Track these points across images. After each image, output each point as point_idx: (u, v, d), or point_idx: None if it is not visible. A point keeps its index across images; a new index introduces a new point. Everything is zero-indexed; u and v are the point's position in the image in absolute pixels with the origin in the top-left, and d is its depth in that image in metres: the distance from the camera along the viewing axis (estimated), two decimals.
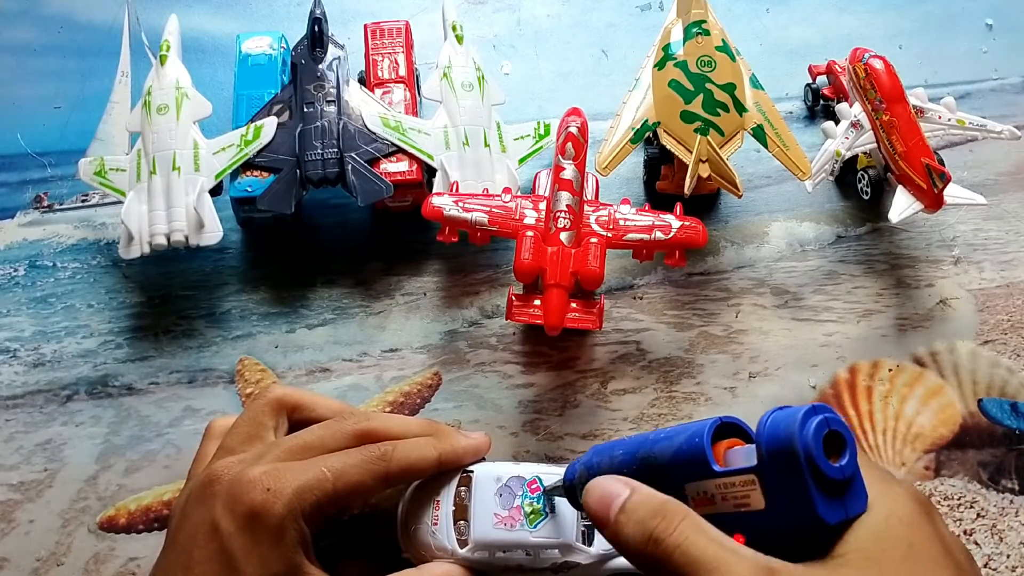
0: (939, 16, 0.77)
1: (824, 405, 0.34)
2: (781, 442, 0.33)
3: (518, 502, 0.48)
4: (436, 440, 0.48)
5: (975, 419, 0.59)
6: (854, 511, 0.34)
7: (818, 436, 0.33)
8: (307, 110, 0.63)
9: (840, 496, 0.33)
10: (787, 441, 0.33)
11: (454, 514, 0.48)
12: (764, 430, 0.34)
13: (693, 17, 0.63)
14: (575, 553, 0.47)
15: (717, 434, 0.36)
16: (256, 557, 0.41)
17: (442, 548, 0.47)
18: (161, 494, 0.56)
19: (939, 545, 0.34)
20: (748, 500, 0.34)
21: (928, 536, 0.34)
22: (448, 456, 0.48)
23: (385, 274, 0.65)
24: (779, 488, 0.33)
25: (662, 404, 0.60)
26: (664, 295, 0.64)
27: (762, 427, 0.34)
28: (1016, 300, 0.64)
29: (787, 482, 0.33)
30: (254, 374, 0.60)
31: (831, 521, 0.33)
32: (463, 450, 0.49)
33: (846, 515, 0.34)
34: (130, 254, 0.59)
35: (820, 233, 0.67)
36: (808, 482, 0.32)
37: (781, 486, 0.33)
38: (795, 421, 0.33)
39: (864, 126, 0.63)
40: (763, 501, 0.34)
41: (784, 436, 0.33)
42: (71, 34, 0.75)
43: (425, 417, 0.59)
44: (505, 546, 0.47)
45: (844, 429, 0.33)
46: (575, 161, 0.57)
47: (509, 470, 0.49)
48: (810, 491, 0.32)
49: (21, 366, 0.61)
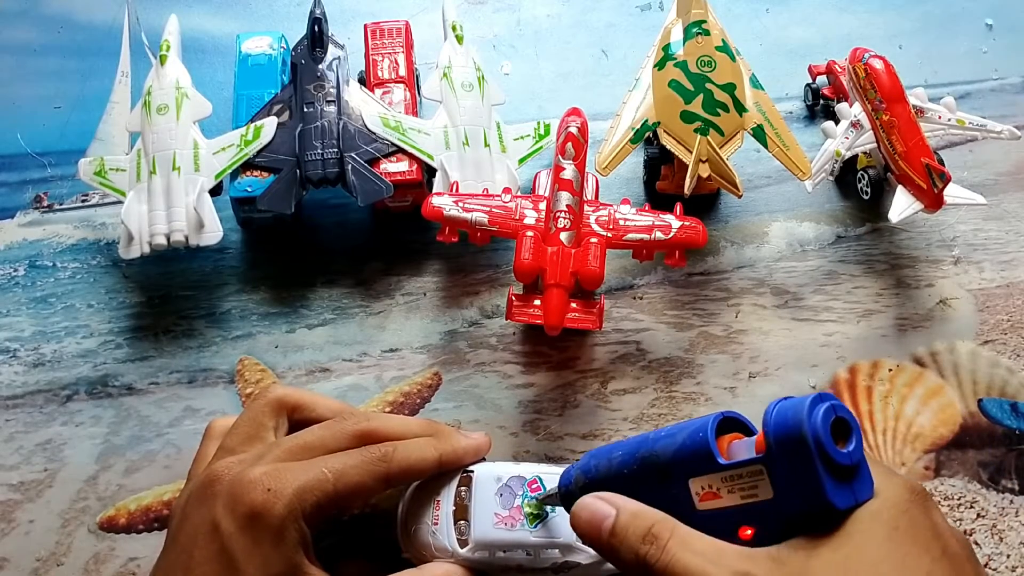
0: (939, 16, 0.77)
1: (829, 394, 0.34)
2: (789, 430, 0.33)
3: (518, 502, 0.48)
4: (436, 440, 0.48)
5: (975, 419, 0.59)
6: (863, 496, 0.34)
7: (826, 422, 0.33)
8: (307, 110, 0.63)
9: (848, 481, 0.34)
10: (796, 429, 0.33)
11: (454, 514, 0.48)
12: (771, 419, 0.34)
13: (693, 17, 0.63)
14: (575, 553, 0.47)
15: (719, 429, 0.37)
16: (257, 557, 0.41)
17: (442, 548, 0.47)
18: (161, 494, 0.56)
19: (927, 530, 0.34)
20: (756, 491, 0.35)
21: (916, 521, 0.34)
22: (448, 456, 0.48)
23: (385, 274, 0.65)
24: (787, 476, 0.34)
25: (662, 404, 0.60)
26: (664, 295, 0.64)
27: (768, 417, 0.34)
28: (1016, 300, 0.64)
29: (796, 470, 0.33)
30: (254, 374, 0.60)
31: (841, 506, 0.33)
32: (463, 450, 0.49)
33: (855, 500, 0.34)
34: (130, 254, 0.59)
35: (820, 233, 0.67)
36: (818, 468, 0.33)
37: (789, 474, 0.34)
38: (803, 409, 0.33)
39: (864, 126, 0.63)
40: (771, 491, 0.34)
41: (792, 424, 0.33)
42: (71, 34, 0.75)
43: (425, 417, 0.59)
44: (505, 546, 0.47)
45: (850, 416, 0.34)
46: (575, 161, 0.57)
47: (509, 470, 0.49)
48: (820, 477, 0.33)
49: (21, 366, 0.61)
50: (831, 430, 0.33)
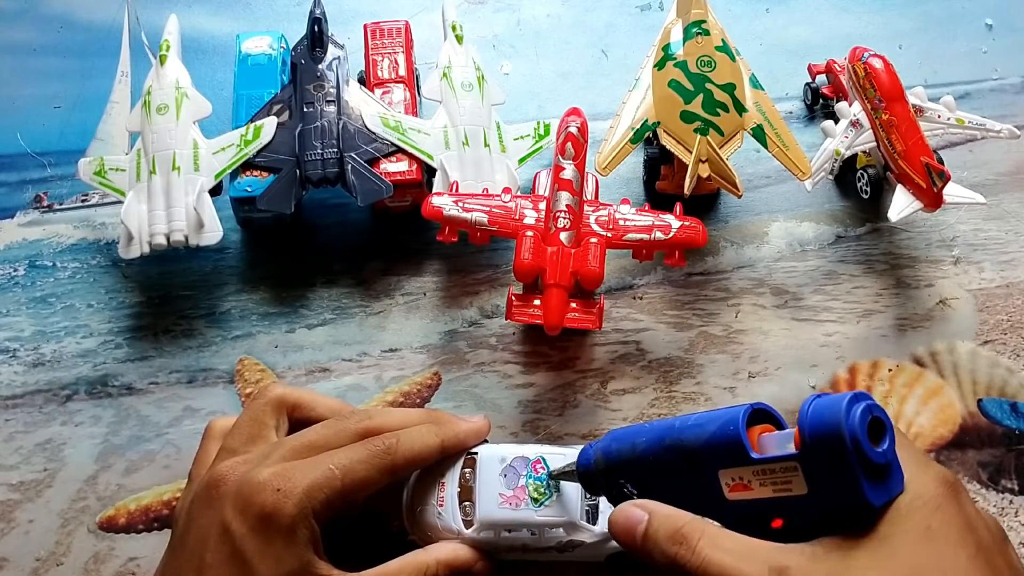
0: (939, 16, 0.77)
1: (863, 392, 0.35)
2: (827, 429, 0.34)
3: (522, 482, 0.49)
4: (437, 427, 0.49)
5: (975, 419, 0.59)
6: (895, 491, 0.35)
7: (863, 422, 0.34)
8: (307, 110, 0.63)
9: (883, 479, 0.34)
10: (834, 428, 0.33)
11: (459, 495, 0.49)
12: (807, 418, 0.34)
13: (693, 17, 0.63)
14: (580, 532, 0.48)
15: (748, 420, 0.37)
16: (269, 558, 0.41)
17: (448, 529, 0.48)
18: (161, 494, 0.56)
19: (960, 526, 0.35)
20: (789, 486, 0.35)
21: (949, 518, 0.35)
22: (451, 442, 0.49)
23: (385, 274, 0.65)
24: (822, 473, 0.34)
25: (662, 404, 0.60)
26: (664, 295, 0.64)
27: (804, 416, 0.35)
28: (1016, 300, 0.64)
29: (831, 468, 0.34)
30: (254, 374, 0.60)
31: (877, 503, 0.34)
32: (464, 434, 0.50)
33: (889, 496, 0.35)
34: (130, 254, 0.59)
35: (820, 233, 0.67)
36: (855, 467, 0.33)
37: (825, 472, 0.34)
38: (840, 409, 0.34)
39: (863, 125, 0.63)
40: (805, 487, 0.35)
41: (830, 423, 0.34)
42: (71, 34, 0.75)
43: None
44: (510, 525, 0.48)
45: (884, 415, 0.34)
46: (575, 161, 0.57)
47: (513, 451, 0.50)
48: (857, 476, 0.33)
49: (21, 366, 0.61)
50: (867, 430, 0.34)
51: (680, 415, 0.41)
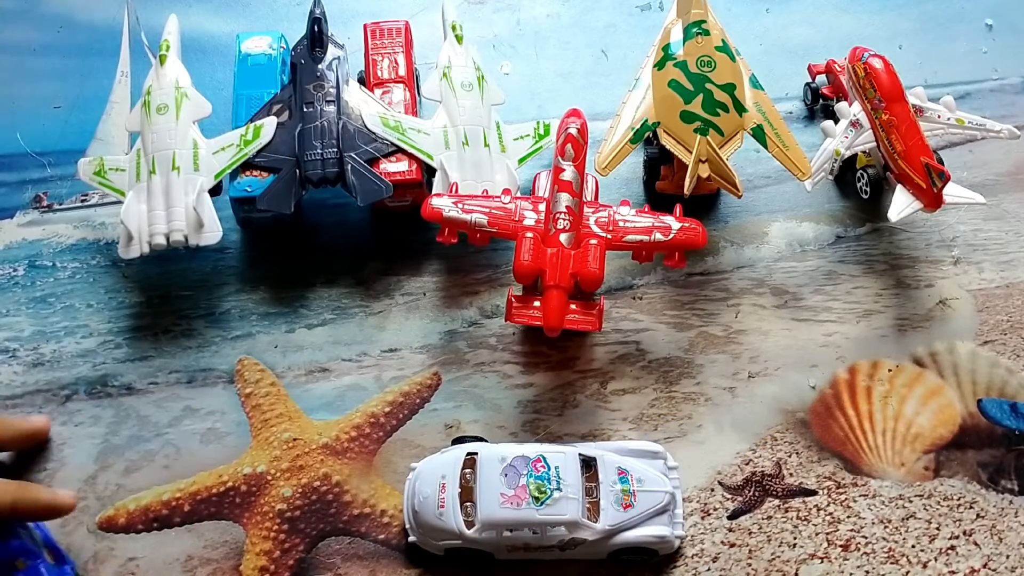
0: (939, 16, 0.77)
1: None
2: None
3: (523, 481, 0.49)
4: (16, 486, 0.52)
5: (974, 419, 0.59)
6: None
7: None
8: (307, 110, 0.63)
9: None
10: None
11: (460, 496, 0.49)
12: None
13: (693, 17, 0.63)
14: (581, 530, 0.48)
15: None
16: None
17: (449, 530, 0.48)
18: (160, 494, 0.56)
19: None
20: None
21: None
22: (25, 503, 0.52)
23: (385, 274, 0.65)
24: None
25: (661, 404, 0.60)
26: (664, 295, 0.64)
27: None
28: (1016, 300, 0.64)
29: None
30: (253, 374, 0.60)
31: None
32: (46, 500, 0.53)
33: None
34: (130, 254, 0.59)
35: (820, 233, 0.67)
36: None
37: None
38: None
39: (863, 125, 0.63)
40: None
41: None
42: (71, 34, 0.75)
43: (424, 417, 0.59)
44: (512, 525, 0.48)
45: None
46: (575, 162, 0.57)
47: (513, 450, 0.50)
48: None
49: (20, 366, 0.61)
50: None
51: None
